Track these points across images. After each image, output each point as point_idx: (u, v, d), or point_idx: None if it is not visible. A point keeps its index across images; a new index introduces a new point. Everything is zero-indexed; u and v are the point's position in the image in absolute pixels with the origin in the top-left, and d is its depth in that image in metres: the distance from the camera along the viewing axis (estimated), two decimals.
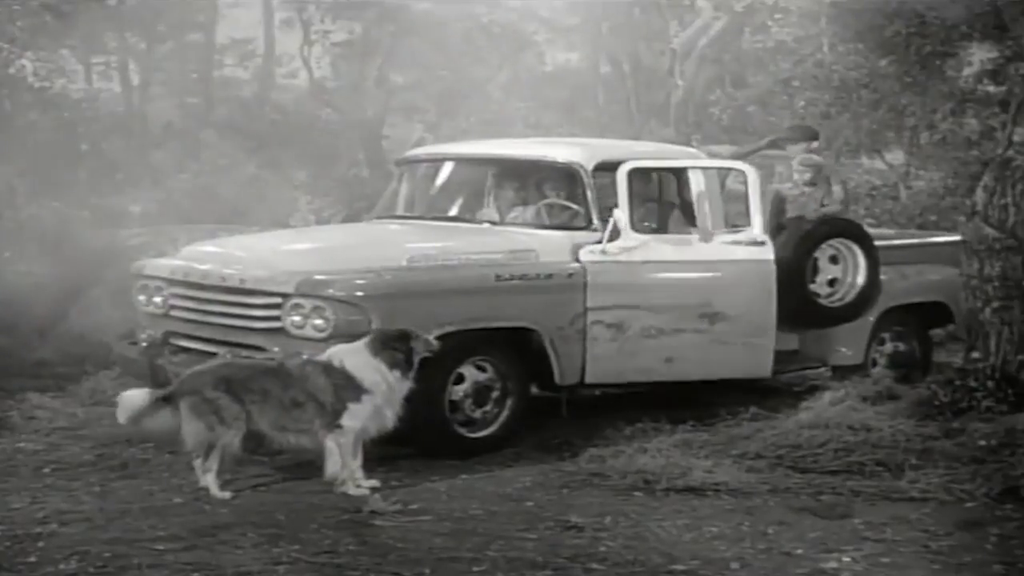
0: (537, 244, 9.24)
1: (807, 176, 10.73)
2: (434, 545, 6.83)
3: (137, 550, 6.65)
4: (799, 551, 6.82)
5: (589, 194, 9.45)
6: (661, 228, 9.99)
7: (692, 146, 12.87)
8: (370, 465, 8.23)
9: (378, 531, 7.06)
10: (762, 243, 9.74)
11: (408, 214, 10.34)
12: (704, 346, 9.51)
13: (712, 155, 11.48)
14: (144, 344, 9.16)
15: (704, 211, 9.72)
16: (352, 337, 8.05)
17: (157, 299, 9.18)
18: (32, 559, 6.52)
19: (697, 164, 9.98)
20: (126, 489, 7.87)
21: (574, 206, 9.60)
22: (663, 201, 10.42)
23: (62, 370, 10.70)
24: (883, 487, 7.94)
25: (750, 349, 9.72)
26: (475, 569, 6.48)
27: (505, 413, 8.90)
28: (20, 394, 9.84)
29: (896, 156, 20.05)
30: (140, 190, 15.97)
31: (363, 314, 8.24)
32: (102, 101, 19.68)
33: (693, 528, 7.19)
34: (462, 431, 8.75)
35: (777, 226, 10.52)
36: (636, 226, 9.36)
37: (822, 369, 10.63)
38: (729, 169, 10.25)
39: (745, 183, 9.79)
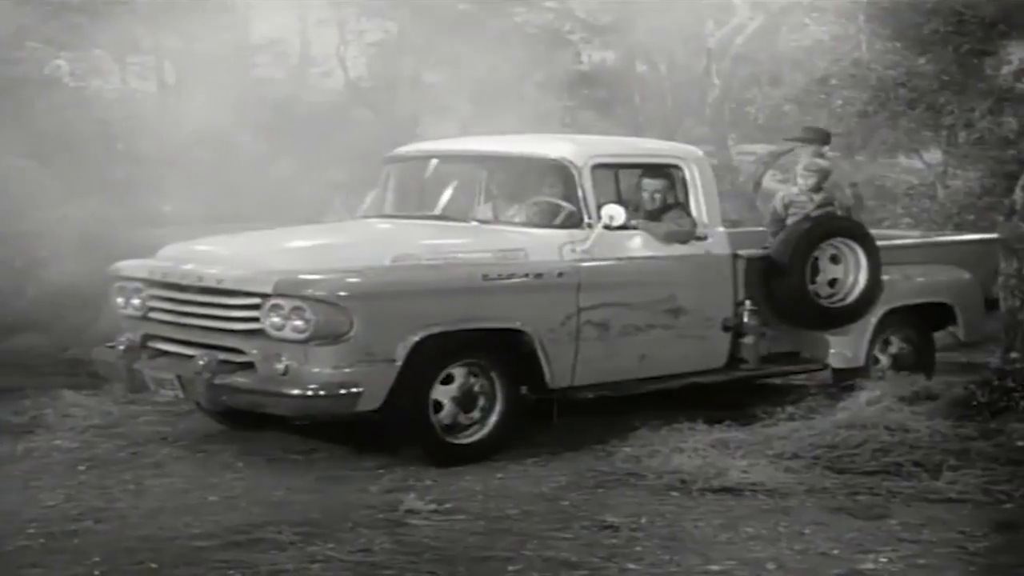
0: (527, 243, 9.02)
1: (811, 181, 10.55)
2: (469, 544, 6.81)
3: (172, 548, 6.66)
4: (835, 552, 6.77)
5: (581, 191, 9.21)
6: (632, 223, 9.54)
7: (728, 145, 12.87)
8: (405, 464, 8.25)
9: (413, 530, 7.04)
10: (703, 238, 9.67)
11: (396, 213, 10.10)
12: (670, 341, 9.45)
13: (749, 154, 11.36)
14: (121, 348, 8.94)
15: (700, 206, 9.69)
16: (333, 338, 7.98)
17: (135, 301, 8.99)
18: (66, 557, 6.52)
19: (647, 160, 9.95)
20: (161, 487, 7.89)
21: (566, 204, 9.33)
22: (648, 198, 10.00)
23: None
24: (920, 488, 7.86)
25: (705, 342, 9.69)
26: (510, 569, 6.46)
27: (494, 418, 8.69)
28: (55, 392, 9.87)
29: (933, 155, 19.96)
30: (174, 189, 16.00)
31: (344, 315, 8.01)
32: (137, 101, 19.74)
33: (729, 528, 7.14)
34: (447, 437, 8.55)
35: (779, 228, 10.46)
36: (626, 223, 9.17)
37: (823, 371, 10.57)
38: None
39: (684, 176, 9.74)
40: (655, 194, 9.69)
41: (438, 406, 8.48)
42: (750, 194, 18.50)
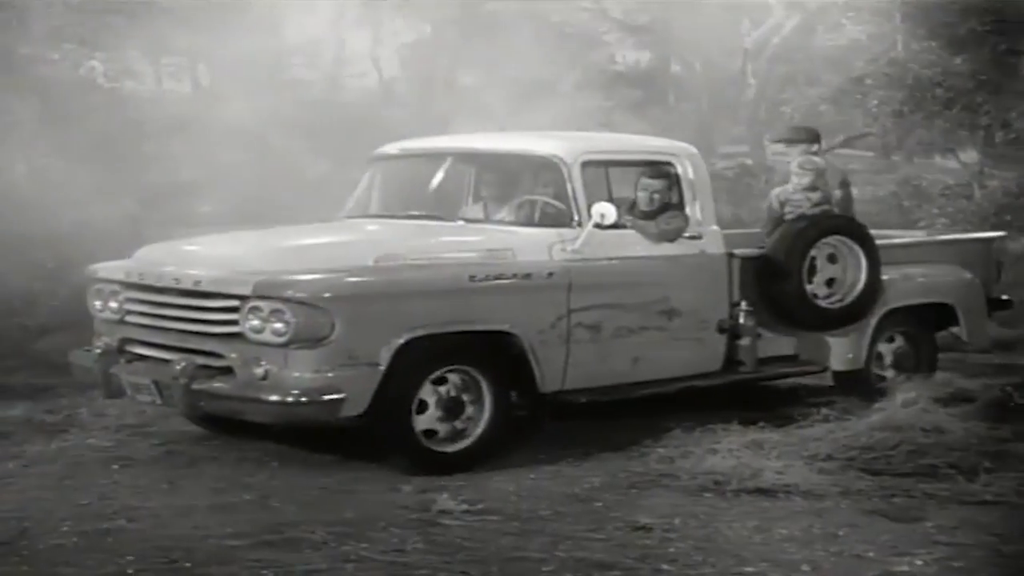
0: (515, 242, 8.72)
1: (806, 180, 10.18)
2: (502, 545, 6.79)
3: (205, 547, 6.66)
4: (870, 554, 6.72)
5: (571, 189, 8.92)
6: (624, 222, 9.23)
7: (763, 145, 12.73)
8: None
9: (446, 530, 7.03)
10: (697, 237, 9.40)
11: (382, 212, 9.80)
12: (663, 343, 9.18)
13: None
14: (98, 351, 8.71)
15: (695, 205, 9.44)
16: (314, 342, 7.76)
17: (113, 304, 8.73)
18: (100, 555, 6.54)
19: (639, 157, 9.65)
20: (194, 486, 7.89)
21: (555, 202, 9.06)
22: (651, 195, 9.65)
23: None
24: (956, 490, 7.81)
25: (700, 344, 9.41)
26: (543, 569, 6.44)
27: (482, 424, 8.41)
28: (89, 391, 9.89)
29: (970, 155, 19.86)
30: (208, 190, 16.05)
31: (326, 317, 7.74)
32: (170, 102, 19.81)
33: (763, 530, 7.10)
34: (432, 444, 8.29)
35: (775, 227, 10.16)
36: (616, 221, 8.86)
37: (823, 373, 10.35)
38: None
39: (676, 173, 9.47)
40: (649, 192, 9.41)
41: (423, 412, 8.22)
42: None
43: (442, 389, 8.30)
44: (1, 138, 14.64)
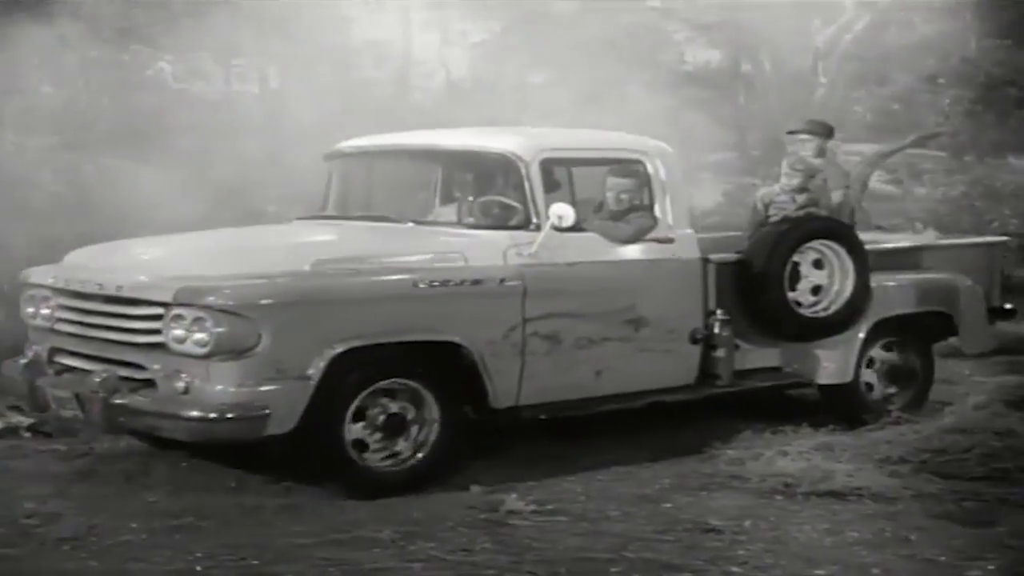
0: (466, 246, 8.14)
1: (795, 181, 9.68)
2: (570, 545, 6.77)
3: (273, 546, 6.69)
4: (942, 558, 6.66)
5: (529, 188, 8.33)
6: (586, 224, 8.66)
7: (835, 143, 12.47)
8: (508, 464, 8.21)
9: (514, 530, 7.02)
10: (671, 240, 8.82)
11: (336, 213, 9.26)
12: (630, 355, 8.60)
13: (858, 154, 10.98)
14: (23, 362, 8.29)
15: (666, 206, 8.83)
16: (238, 353, 7.20)
17: (44, 310, 8.22)
18: (168, 552, 6.57)
19: (605, 155, 9.03)
20: (262, 485, 7.91)
21: (512, 202, 8.46)
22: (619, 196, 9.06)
23: None
24: None
25: (670, 355, 8.82)
26: (612, 571, 6.42)
27: (428, 444, 7.87)
28: None
29: None
30: (276, 190, 16.11)
31: (250, 326, 7.16)
32: (239, 103, 19.91)
33: (834, 533, 7.06)
34: (368, 464, 7.74)
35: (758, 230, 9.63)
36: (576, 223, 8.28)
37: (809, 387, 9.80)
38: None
39: (646, 172, 8.86)
40: (616, 192, 8.88)
41: (359, 429, 7.69)
42: (857, 195, 18.31)
43: (382, 405, 7.76)
44: (70, 139, 14.77)
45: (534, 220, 8.30)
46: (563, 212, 8.12)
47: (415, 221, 8.78)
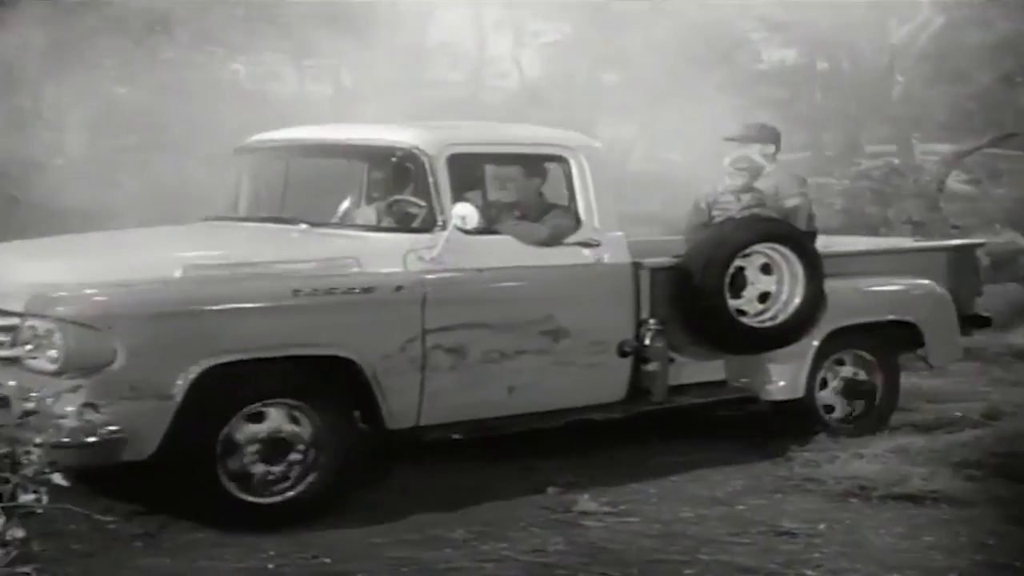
0: (361, 250, 7.40)
1: (739, 181, 9.02)
2: (643, 547, 6.74)
3: (346, 544, 6.70)
4: (1018, 564, 6.59)
5: (434, 187, 7.55)
6: (498, 227, 7.97)
7: (912, 144, 12.19)
8: (582, 465, 8.19)
9: (586, 531, 7.00)
10: (596, 244, 8.07)
11: (232, 214, 8.46)
12: (547, 370, 7.81)
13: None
14: None
15: (591, 206, 8.09)
16: (91, 370, 6.40)
17: None
18: (240, 549, 6.58)
19: (522, 150, 8.26)
20: (337, 483, 7.90)
21: (417, 200, 7.67)
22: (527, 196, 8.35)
23: None
24: None
25: (596, 370, 8.05)
26: (685, 573, 6.38)
27: (315, 469, 7.09)
28: None
29: None
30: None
31: (104, 340, 6.41)
32: (312, 103, 20.01)
33: (909, 537, 6.98)
34: (245, 494, 6.88)
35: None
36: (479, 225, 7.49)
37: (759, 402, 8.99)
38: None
39: (569, 169, 8.12)
40: (534, 191, 8.24)
41: (233, 454, 6.84)
42: (933, 194, 18.16)
43: (261, 427, 6.92)
44: (145, 140, 14.90)
45: (440, 222, 7.49)
46: (466, 212, 7.38)
47: (309, 223, 7.93)
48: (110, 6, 14.78)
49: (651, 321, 8.17)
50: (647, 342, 8.15)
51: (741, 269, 8.49)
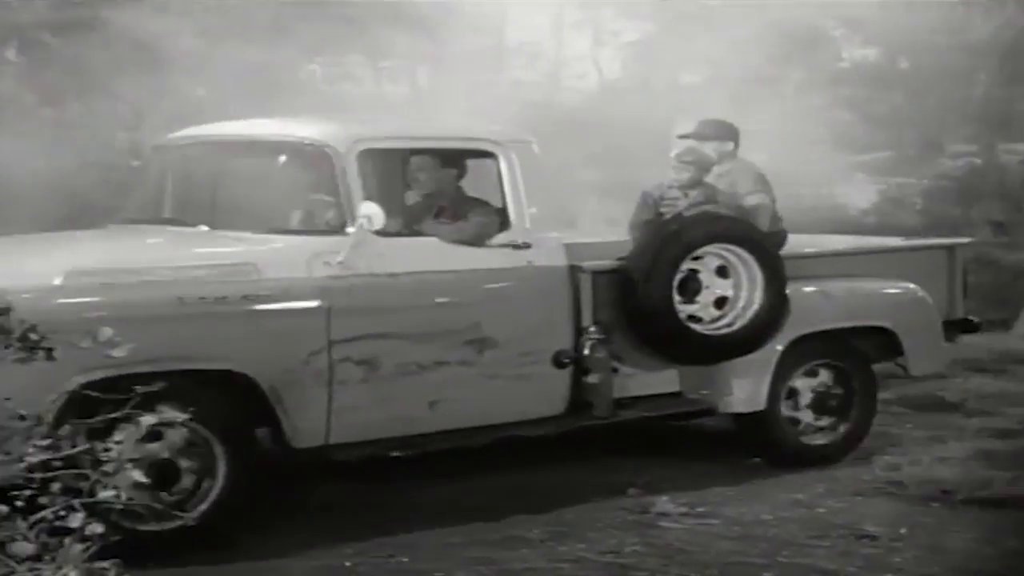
0: (262, 254, 6.82)
1: (684, 176, 8.24)
2: (721, 549, 6.70)
3: (423, 543, 6.72)
4: None
5: (344, 185, 7.01)
6: (416, 228, 7.49)
7: (994, 143, 11.83)
8: (661, 466, 8.15)
9: (664, 533, 6.97)
10: (526, 246, 7.49)
11: (146, 215, 7.85)
12: (473, 383, 7.24)
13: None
14: None
15: (522, 205, 7.51)
16: None
17: None
18: (318, 548, 6.61)
19: (444, 145, 7.72)
20: (415, 483, 7.91)
21: (323, 202, 7.18)
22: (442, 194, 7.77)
23: None
24: None
25: (529, 382, 7.46)
26: (764, 575, 6.34)
27: (213, 493, 6.53)
28: None
29: None
30: None
31: None
32: (389, 104, 20.07)
33: (992, 542, 6.89)
34: (134, 522, 6.00)
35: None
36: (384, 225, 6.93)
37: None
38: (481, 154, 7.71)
39: (497, 166, 7.57)
40: (459, 189, 7.73)
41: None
42: (1017, 195, 17.92)
43: (148, 448, 6.17)
44: None
45: (350, 224, 6.95)
46: (371, 212, 6.82)
47: (210, 225, 7.38)
48: (190, 7, 14.90)
49: (592, 329, 7.55)
50: (586, 352, 7.53)
51: (695, 272, 7.87)
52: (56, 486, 4.22)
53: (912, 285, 8.71)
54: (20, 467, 4.24)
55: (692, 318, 7.85)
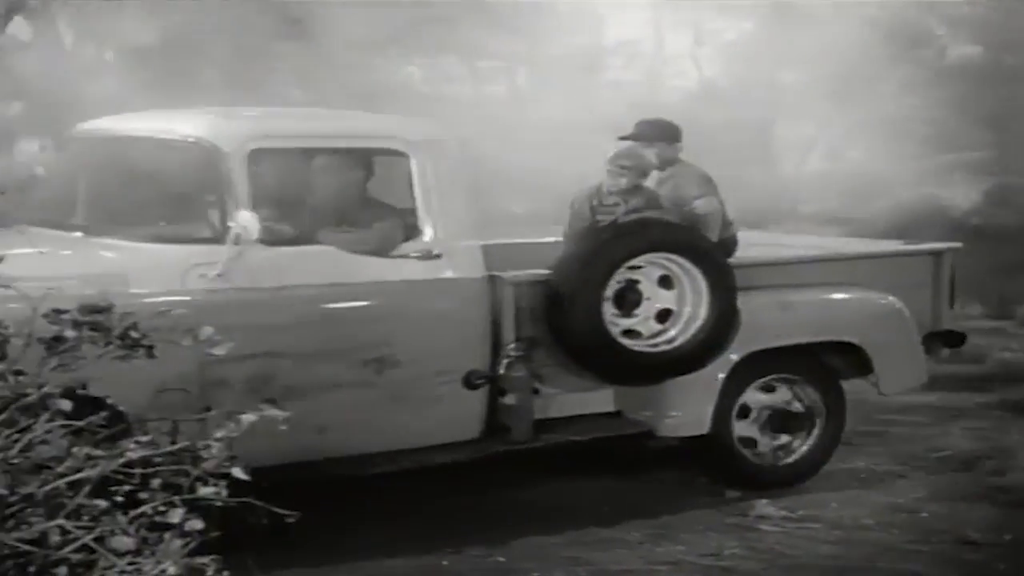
0: (131, 265, 6.15)
1: (623, 181, 7.55)
2: (822, 553, 6.66)
3: (520, 544, 6.70)
4: None
5: (231, 188, 6.33)
6: (309, 236, 6.65)
7: None
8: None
9: (764, 536, 6.93)
10: (437, 256, 6.80)
11: (33, 216, 6.94)
12: (371, 406, 6.56)
13: None
14: None
15: (433, 211, 6.83)
16: None
17: None
18: (414, 547, 6.61)
19: (347, 144, 6.94)
20: (511, 484, 7.89)
21: (206, 207, 6.55)
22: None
23: None
24: None
25: (438, 405, 6.79)
26: None
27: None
28: None
29: None
30: (523, 191, 16.20)
31: None
32: (487, 105, 20.10)
33: None
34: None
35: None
36: (272, 234, 6.35)
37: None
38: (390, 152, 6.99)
39: (407, 167, 6.86)
40: (363, 192, 6.97)
41: None
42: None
43: None
44: None
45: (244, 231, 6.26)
46: (245, 221, 6.19)
47: (87, 230, 6.72)
48: (286, 8, 15.02)
49: (510, 347, 6.90)
50: (503, 371, 6.89)
51: (634, 284, 7.17)
52: (156, 482, 4.24)
53: (888, 295, 7.98)
54: (120, 462, 4.25)
55: (630, 333, 7.15)
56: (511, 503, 7.43)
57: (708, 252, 7.28)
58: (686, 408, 7.38)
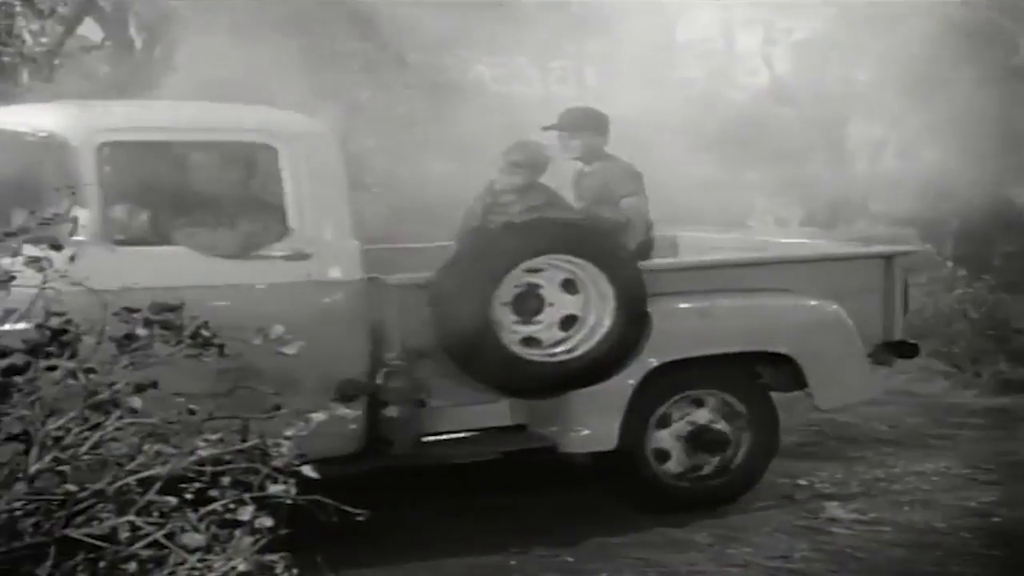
0: None
1: (517, 179, 7.37)
2: (893, 557, 6.59)
3: (588, 544, 6.71)
4: None
5: (77, 185, 5.81)
6: (164, 236, 6.20)
7: None
8: (830, 470, 8.05)
9: (834, 538, 6.87)
10: (306, 256, 6.33)
11: None
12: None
13: None
14: None
15: (304, 208, 6.39)
16: None
17: None
18: (483, 544, 6.62)
19: (208, 137, 6.50)
20: (580, 483, 7.90)
21: (53, 203, 5.64)
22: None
23: None
24: None
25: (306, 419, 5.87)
26: None
27: None
28: None
29: None
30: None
31: None
32: (556, 104, 20.09)
33: None
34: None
35: None
36: (121, 232, 6.00)
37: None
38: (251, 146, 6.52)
39: (276, 162, 6.40)
40: (225, 188, 6.51)
41: None
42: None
43: None
44: (387, 143, 15.13)
45: (83, 229, 5.72)
46: (81, 219, 5.71)
47: None
48: (356, 8, 15.07)
49: (389, 356, 6.48)
50: (381, 382, 6.45)
51: (534, 288, 6.67)
52: (226, 480, 4.27)
53: (830, 303, 7.44)
54: (191, 460, 4.28)
55: (531, 341, 6.67)
56: (577, 503, 7.42)
57: (613, 254, 6.81)
58: (591, 422, 6.89)
